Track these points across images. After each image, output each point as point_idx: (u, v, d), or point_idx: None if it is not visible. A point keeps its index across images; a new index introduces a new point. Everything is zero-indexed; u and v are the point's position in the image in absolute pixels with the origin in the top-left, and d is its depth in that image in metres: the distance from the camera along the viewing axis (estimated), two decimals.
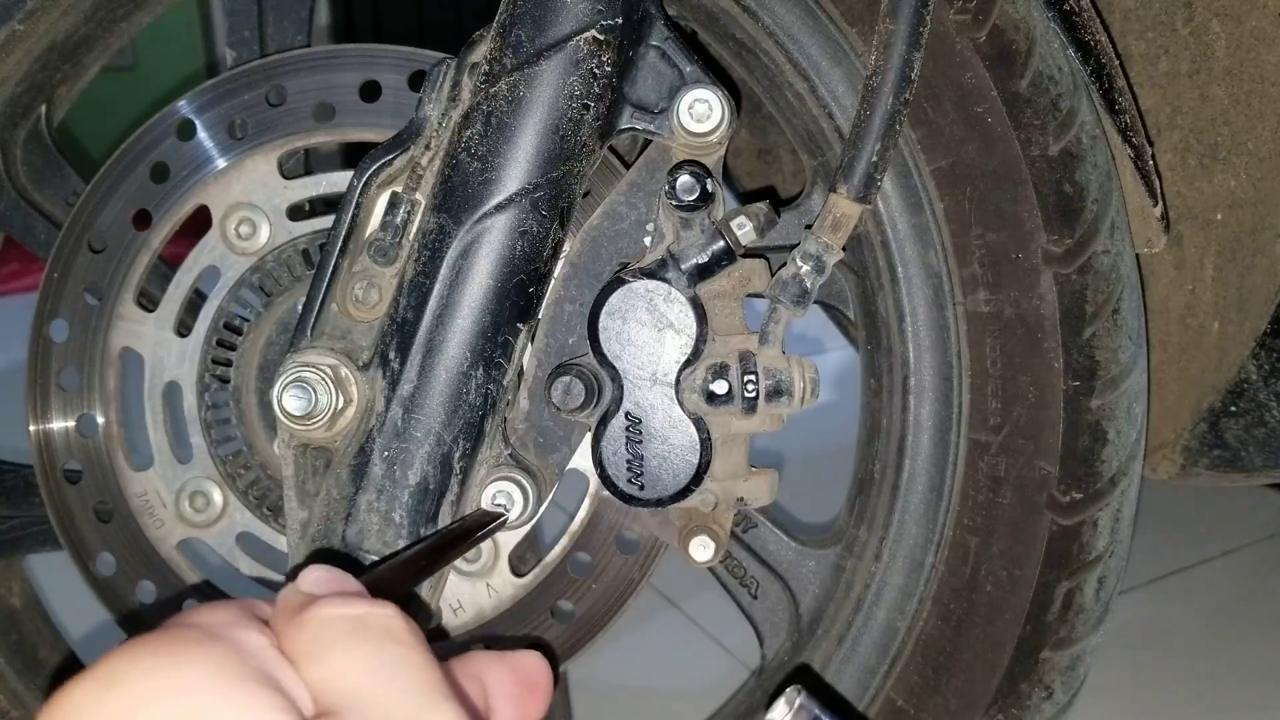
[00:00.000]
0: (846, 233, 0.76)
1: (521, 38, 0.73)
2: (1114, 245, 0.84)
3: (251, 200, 0.88)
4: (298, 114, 0.88)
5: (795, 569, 0.93)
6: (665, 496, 0.77)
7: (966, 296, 0.85)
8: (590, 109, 0.74)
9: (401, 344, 0.74)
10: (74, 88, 1.06)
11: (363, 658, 0.39)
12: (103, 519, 0.92)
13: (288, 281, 0.90)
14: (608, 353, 0.76)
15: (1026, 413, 0.84)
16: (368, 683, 0.39)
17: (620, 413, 0.76)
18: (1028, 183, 0.82)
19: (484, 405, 0.75)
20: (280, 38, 1.01)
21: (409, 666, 0.39)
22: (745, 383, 0.75)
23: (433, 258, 0.74)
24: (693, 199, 0.73)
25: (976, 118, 0.82)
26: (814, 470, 1.53)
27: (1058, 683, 0.88)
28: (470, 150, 0.74)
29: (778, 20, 0.85)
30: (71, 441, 0.92)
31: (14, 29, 0.93)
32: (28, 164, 1.03)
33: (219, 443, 0.91)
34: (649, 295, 0.75)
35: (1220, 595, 1.65)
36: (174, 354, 0.90)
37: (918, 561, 0.88)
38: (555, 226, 0.75)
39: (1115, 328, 0.84)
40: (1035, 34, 0.81)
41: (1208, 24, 0.91)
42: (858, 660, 0.90)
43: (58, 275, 0.92)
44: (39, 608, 1.09)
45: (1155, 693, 1.42)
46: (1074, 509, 0.85)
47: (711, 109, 0.76)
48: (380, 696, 0.38)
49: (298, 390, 0.74)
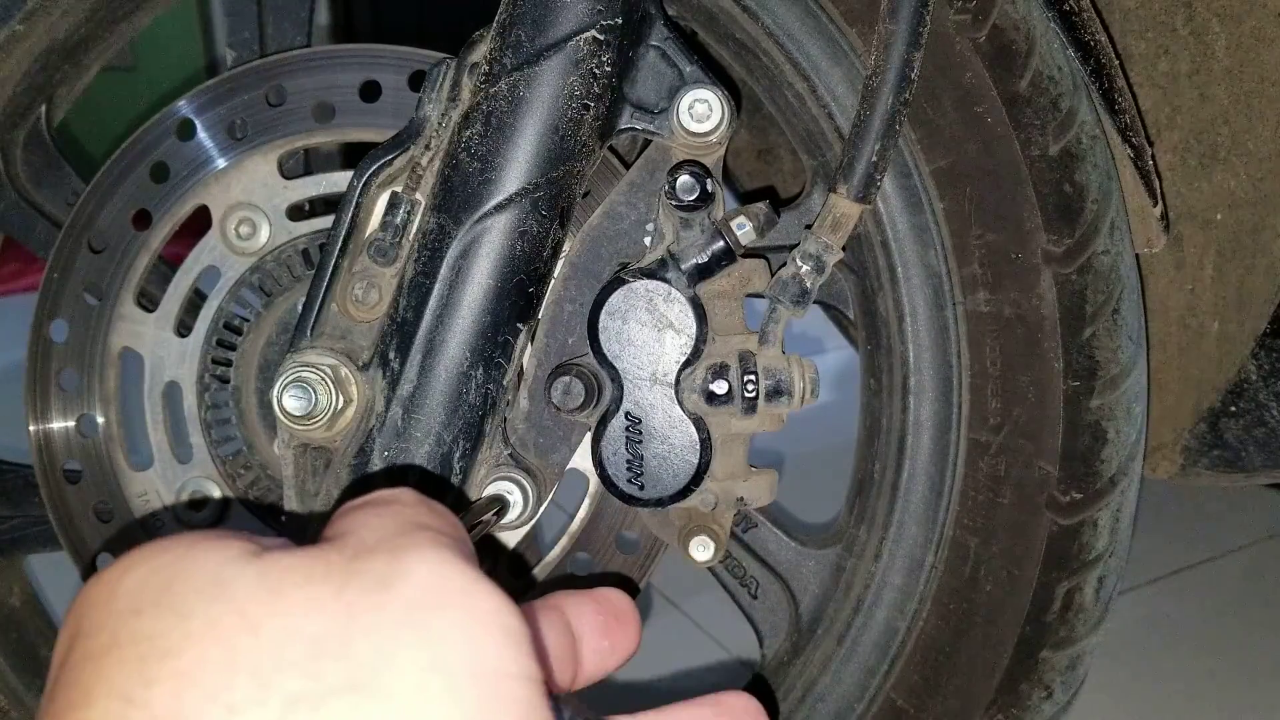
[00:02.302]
0: (846, 233, 0.76)
1: (521, 38, 0.73)
2: (1114, 245, 0.84)
3: (251, 200, 0.88)
4: (297, 114, 0.88)
5: (795, 569, 0.93)
6: (665, 496, 0.77)
7: (966, 296, 0.85)
8: (590, 109, 0.74)
9: (401, 344, 0.74)
10: (74, 88, 1.06)
11: (374, 513, 0.40)
12: (103, 519, 0.92)
13: (288, 281, 0.90)
14: (607, 353, 0.76)
15: (1026, 412, 0.84)
16: (364, 516, 0.40)
17: (620, 413, 0.76)
18: (1027, 183, 0.82)
19: (484, 405, 0.75)
20: (280, 38, 1.01)
21: (409, 515, 0.40)
22: (745, 383, 0.75)
23: (433, 258, 0.74)
24: (692, 199, 0.74)
25: (976, 118, 0.82)
26: (814, 470, 1.53)
27: (1057, 682, 0.88)
28: (470, 150, 0.74)
29: (778, 20, 0.85)
30: (71, 441, 0.92)
31: (14, 29, 0.93)
32: (28, 164, 1.03)
33: (219, 443, 0.91)
34: (649, 295, 0.75)
35: (1220, 595, 1.65)
36: (174, 354, 0.90)
37: (917, 561, 0.88)
38: (555, 226, 0.75)
39: (1115, 328, 0.84)
40: (1035, 34, 0.81)
41: (1208, 24, 0.91)
42: (857, 660, 0.90)
43: (58, 275, 0.92)
44: (39, 607, 1.09)
45: (1155, 693, 1.42)
46: (1074, 509, 0.85)
47: (711, 109, 0.76)
48: (371, 524, 0.39)
49: (297, 390, 0.74)
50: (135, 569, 0.37)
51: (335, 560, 0.36)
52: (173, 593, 0.35)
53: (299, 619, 0.34)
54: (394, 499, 0.42)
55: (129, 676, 0.33)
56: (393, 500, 0.42)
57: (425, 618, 0.35)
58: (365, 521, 0.40)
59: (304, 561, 0.36)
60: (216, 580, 0.35)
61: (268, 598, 0.35)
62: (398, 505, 0.41)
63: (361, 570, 0.36)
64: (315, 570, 0.36)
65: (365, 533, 0.39)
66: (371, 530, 0.39)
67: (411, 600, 0.35)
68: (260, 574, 0.36)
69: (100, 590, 0.37)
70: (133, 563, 0.37)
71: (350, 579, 0.36)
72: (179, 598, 0.35)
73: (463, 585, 0.36)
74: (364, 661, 0.33)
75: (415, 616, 0.35)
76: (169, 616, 0.35)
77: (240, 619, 0.34)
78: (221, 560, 0.36)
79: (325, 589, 0.35)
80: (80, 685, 0.34)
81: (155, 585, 0.36)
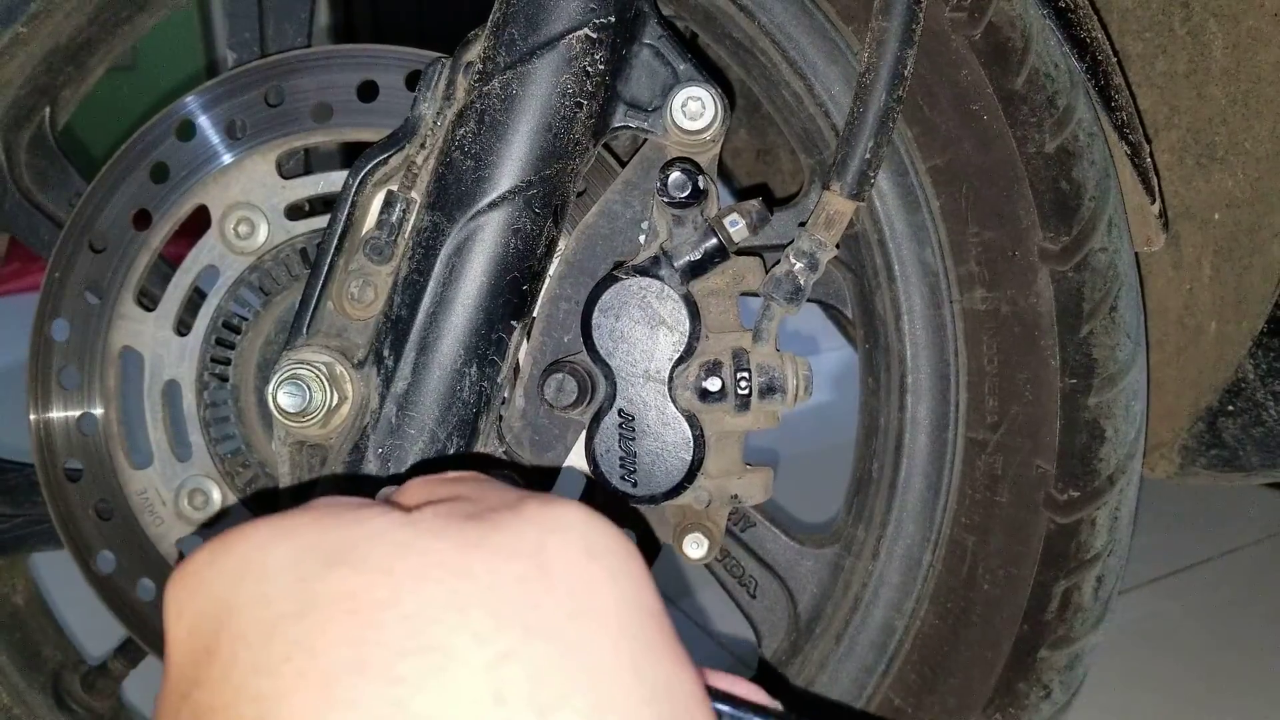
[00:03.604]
0: (840, 230, 0.77)
1: (514, 36, 0.73)
2: (1112, 243, 0.83)
3: (250, 200, 0.89)
4: (296, 114, 0.88)
5: (793, 568, 0.93)
6: (658, 493, 0.77)
7: (963, 294, 0.85)
8: (583, 107, 0.74)
9: (396, 341, 0.75)
10: (78, 90, 1.06)
11: (463, 485, 0.45)
12: (103, 517, 0.93)
13: (286, 280, 0.90)
14: (601, 350, 0.76)
15: (1024, 411, 0.84)
16: (458, 487, 0.44)
17: (613, 410, 0.76)
18: (1024, 180, 0.82)
19: (478, 403, 0.75)
20: (281, 39, 1.01)
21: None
22: (738, 380, 0.75)
23: (426, 255, 0.74)
24: (684, 195, 0.74)
25: (972, 115, 0.82)
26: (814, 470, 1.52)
27: (1056, 682, 0.88)
28: (463, 148, 0.74)
29: (774, 19, 0.85)
30: (72, 439, 0.93)
31: (17, 31, 0.94)
32: (32, 166, 1.03)
33: (218, 441, 0.92)
34: (642, 292, 0.75)
35: (1220, 595, 1.64)
36: (173, 353, 0.91)
37: (915, 560, 0.88)
38: (549, 224, 0.75)
39: (1113, 325, 0.83)
40: (1031, 31, 0.81)
41: (1205, 24, 0.91)
42: (855, 659, 0.90)
43: (59, 275, 0.92)
44: (43, 606, 1.10)
45: (1155, 693, 1.42)
46: (1071, 507, 0.84)
47: (705, 107, 0.76)
48: (475, 493, 0.43)
49: (292, 387, 0.74)
50: (277, 542, 0.38)
51: (488, 518, 0.39)
52: (357, 552, 0.37)
53: (501, 562, 0.37)
54: (468, 476, 0.46)
55: (349, 630, 0.34)
56: (469, 477, 0.46)
57: (605, 559, 0.39)
58: (464, 491, 0.43)
59: (456, 522, 0.39)
60: (393, 540, 0.37)
61: (457, 550, 0.37)
62: (475, 480, 0.45)
63: (520, 524, 0.39)
64: (475, 528, 0.39)
65: (486, 497, 0.42)
66: (486, 496, 0.42)
67: (588, 545, 0.39)
68: (434, 532, 0.38)
69: (237, 564, 0.38)
70: (266, 538, 0.38)
71: (521, 529, 0.39)
72: (364, 557, 0.37)
73: (613, 533, 0.41)
74: (570, 593, 0.37)
75: (596, 560, 0.39)
76: (368, 573, 0.36)
77: (445, 569, 0.36)
78: (385, 524, 0.38)
79: (504, 538, 0.38)
80: (282, 652, 0.35)
81: (326, 549, 0.37)
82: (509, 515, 0.39)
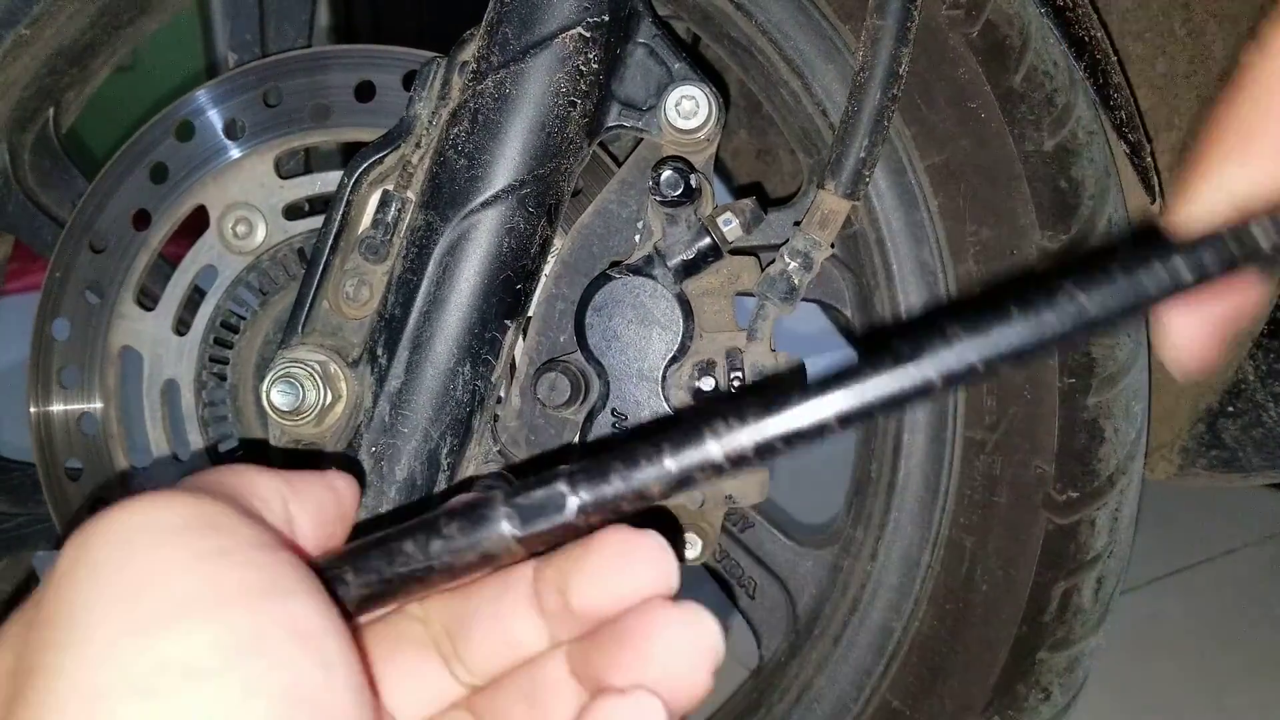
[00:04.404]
0: (835, 229, 0.76)
1: (508, 35, 0.73)
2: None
3: (248, 200, 0.89)
4: (294, 114, 0.88)
5: (792, 569, 0.93)
6: None
7: (962, 294, 0.84)
8: (577, 106, 0.74)
9: (389, 340, 0.75)
10: (82, 92, 1.07)
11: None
12: None
13: (284, 280, 0.91)
14: (594, 349, 0.76)
15: (1022, 410, 0.84)
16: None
17: (607, 409, 0.76)
18: (1022, 179, 0.82)
19: (472, 402, 0.75)
20: (281, 40, 1.02)
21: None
22: (731, 379, 0.75)
23: (420, 254, 0.74)
24: (677, 194, 0.74)
25: (970, 113, 0.82)
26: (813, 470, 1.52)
27: (1055, 684, 0.87)
28: (457, 147, 0.74)
29: (771, 17, 0.84)
30: (73, 438, 0.93)
31: (20, 34, 0.94)
32: (35, 167, 1.04)
33: (216, 440, 0.92)
34: (634, 291, 0.75)
35: (1220, 595, 1.63)
36: (172, 352, 0.91)
37: (913, 561, 0.88)
38: (543, 223, 0.75)
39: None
40: (1029, 29, 0.81)
41: (1205, 25, 0.91)
42: (853, 661, 0.89)
43: (60, 274, 0.93)
44: None
45: (1155, 693, 1.41)
46: (1071, 508, 0.84)
47: (699, 105, 0.76)
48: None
49: (285, 385, 0.74)
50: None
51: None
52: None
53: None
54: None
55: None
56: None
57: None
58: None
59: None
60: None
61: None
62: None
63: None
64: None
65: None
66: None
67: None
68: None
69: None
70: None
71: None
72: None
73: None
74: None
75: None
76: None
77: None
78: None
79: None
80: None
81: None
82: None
